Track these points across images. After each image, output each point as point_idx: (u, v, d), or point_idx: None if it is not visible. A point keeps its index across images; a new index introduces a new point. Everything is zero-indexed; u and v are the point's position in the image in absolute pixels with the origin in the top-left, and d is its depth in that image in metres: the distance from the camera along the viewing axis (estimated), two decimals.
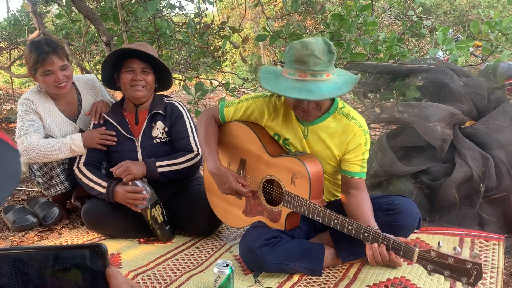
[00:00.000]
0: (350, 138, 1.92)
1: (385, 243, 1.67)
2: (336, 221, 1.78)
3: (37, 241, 2.41)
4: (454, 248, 1.53)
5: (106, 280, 0.65)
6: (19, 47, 5.38)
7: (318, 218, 1.82)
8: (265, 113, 2.03)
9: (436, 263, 1.55)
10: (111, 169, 2.29)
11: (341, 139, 1.93)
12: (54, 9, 5.43)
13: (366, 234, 1.71)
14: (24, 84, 9.39)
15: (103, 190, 2.28)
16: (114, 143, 2.40)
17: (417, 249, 1.61)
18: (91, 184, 2.32)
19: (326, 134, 1.94)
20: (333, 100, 1.96)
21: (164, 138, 2.42)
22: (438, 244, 1.58)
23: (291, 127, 2.00)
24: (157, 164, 2.30)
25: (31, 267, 0.64)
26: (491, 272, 1.94)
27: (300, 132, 1.98)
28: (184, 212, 2.37)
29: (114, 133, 2.41)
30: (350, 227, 1.75)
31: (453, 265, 1.51)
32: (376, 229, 1.74)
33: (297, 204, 1.87)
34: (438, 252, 1.56)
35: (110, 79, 2.44)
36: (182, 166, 2.34)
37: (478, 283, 1.48)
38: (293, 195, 1.88)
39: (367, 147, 1.95)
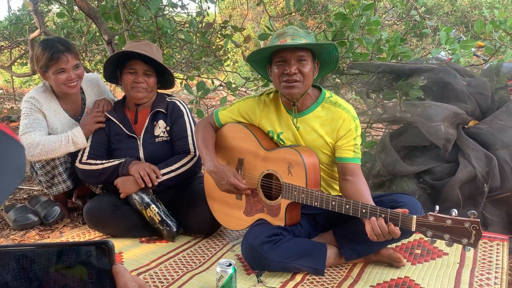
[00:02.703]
0: (340, 124, 1.97)
1: (383, 215, 1.68)
2: (333, 202, 1.80)
3: (38, 240, 2.40)
4: (452, 211, 1.54)
5: (112, 278, 0.64)
6: (20, 46, 5.36)
7: (316, 204, 1.84)
8: (256, 111, 2.10)
9: (435, 227, 1.56)
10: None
11: (331, 127, 1.98)
12: (55, 8, 5.42)
13: (364, 210, 1.73)
14: (24, 83, 9.37)
15: (118, 162, 2.32)
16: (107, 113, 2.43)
17: (414, 216, 1.62)
18: (101, 166, 2.34)
19: (317, 123, 2.00)
20: (320, 91, 2.05)
21: (165, 137, 2.41)
22: (435, 208, 1.59)
23: (283, 120, 2.05)
24: None
25: (36, 264, 0.63)
26: (496, 272, 1.93)
27: (291, 124, 2.03)
28: (185, 211, 2.36)
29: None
30: (347, 206, 1.77)
31: (451, 227, 1.53)
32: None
33: (295, 193, 1.89)
34: (435, 216, 1.57)
35: (112, 76, 2.44)
36: (179, 171, 2.35)
37: (479, 245, 1.48)
38: (291, 185, 1.90)
39: (357, 132, 2.00)
